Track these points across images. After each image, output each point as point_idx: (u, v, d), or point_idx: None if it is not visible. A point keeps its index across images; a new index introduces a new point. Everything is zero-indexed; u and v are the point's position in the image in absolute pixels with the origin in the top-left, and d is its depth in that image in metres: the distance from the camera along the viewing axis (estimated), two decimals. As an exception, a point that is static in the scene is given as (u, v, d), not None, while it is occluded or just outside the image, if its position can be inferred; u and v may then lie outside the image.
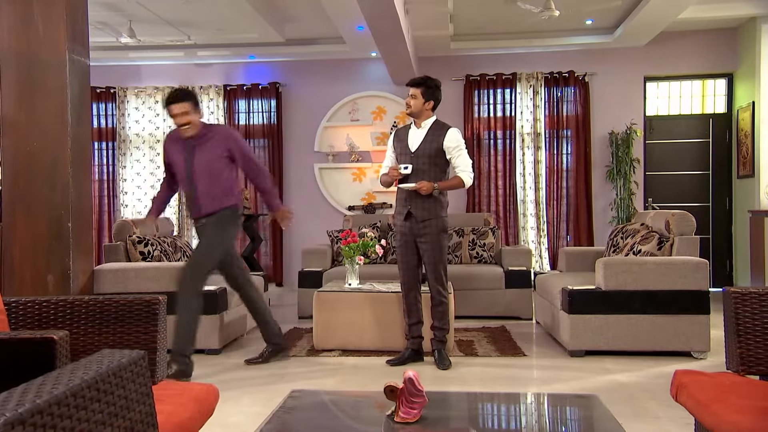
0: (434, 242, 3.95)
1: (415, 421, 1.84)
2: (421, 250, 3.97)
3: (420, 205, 3.93)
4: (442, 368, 3.95)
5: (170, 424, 1.69)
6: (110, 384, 1.02)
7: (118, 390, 1.04)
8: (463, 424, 1.86)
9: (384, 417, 1.88)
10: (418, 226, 3.94)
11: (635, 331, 4.21)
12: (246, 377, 3.90)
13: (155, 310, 2.03)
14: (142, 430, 1.11)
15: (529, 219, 7.78)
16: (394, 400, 1.88)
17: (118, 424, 1.03)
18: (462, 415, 1.95)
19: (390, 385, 1.88)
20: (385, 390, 1.89)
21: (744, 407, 1.72)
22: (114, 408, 1.02)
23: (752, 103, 6.94)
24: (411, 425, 1.82)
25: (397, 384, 1.88)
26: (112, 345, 1.99)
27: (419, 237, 3.96)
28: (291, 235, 8.11)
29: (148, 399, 1.14)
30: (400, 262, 4.08)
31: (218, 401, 2.08)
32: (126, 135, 8.22)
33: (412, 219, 3.96)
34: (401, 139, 4.06)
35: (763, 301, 2.05)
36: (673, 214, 4.51)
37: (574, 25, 7.17)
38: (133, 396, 1.09)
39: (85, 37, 4.26)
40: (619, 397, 3.32)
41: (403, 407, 1.85)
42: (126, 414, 1.06)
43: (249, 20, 6.65)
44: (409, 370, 1.88)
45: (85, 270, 4.20)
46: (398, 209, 4.05)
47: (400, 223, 4.01)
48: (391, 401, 1.90)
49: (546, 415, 1.95)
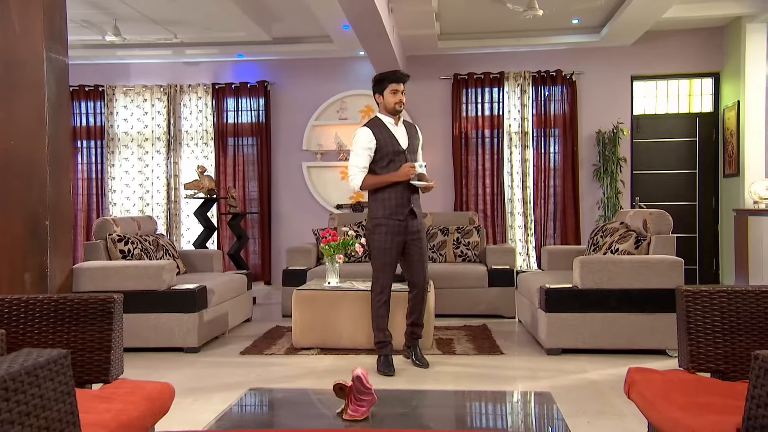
0: (424, 238, 3.99)
1: (363, 419, 1.85)
2: (414, 247, 3.91)
3: (417, 203, 3.93)
4: (426, 365, 3.96)
5: (116, 423, 1.70)
6: (22, 383, 1.03)
7: (32, 389, 1.05)
8: (410, 422, 1.87)
9: (333, 414, 1.89)
10: (414, 224, 3.90)
11: (611, 330, 4.22)
12: (221, 375, 3.92)
13: (110, 309, 2.04)
14: (61, 428, 1.12)
15: (517, 218, 7.79)
16: (344, 398, 1.90)
17: (30, 423, 1.04)
18: (410, 412, 1.97)
19: (339, 383, 1.89)
20: (335, 388, 1.90)
21: (686, 404, 1.74)
22: (26, 407, 1.03)
23: (737, 102, 6.95)
24: (359, 423, 1.84)
25: (347, 382, 1.89)
26: (65, 344, 2.00)
27: (412, 235, 3.90)
28: (279, 233, 8.13)
29: (68, 398, 1.15)
30: (387, 264, 3.87)
31: (173, 399, 2.09)
32: (114, 133, 8.22)
33: (411, 217, 3.88)
34: (386, 136, 3.84)
35: (714, 299, 2.06)
36: (651, 213, 4.52)
37: (561, 24, 7.18)
38: (50, 395, 1.10)
39: (64, 36, 4.27)
40: (588, 395, 3.34)
41: (352, 405, 1.87)
42: (41, 413, 1.07)
43: (235, 19, 6.66)
44: (358, 368, 1.90)
45: (63, 268, 4.21)
46: (397, 209, 3.82)
47: (395, 223, 3.83)
48: (341, 399, 1.91)
49: (491, 413, 1.97)
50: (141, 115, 8.22)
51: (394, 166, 3.84)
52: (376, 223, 3.87)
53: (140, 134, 8.23)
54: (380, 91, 3.93)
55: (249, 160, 8.16)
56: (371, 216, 3.93)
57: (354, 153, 3.87)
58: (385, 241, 3.85)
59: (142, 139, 8.22)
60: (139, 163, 8.22)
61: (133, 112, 8.23)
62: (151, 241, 5.17)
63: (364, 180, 3.85)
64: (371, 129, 3.87)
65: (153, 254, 5.07)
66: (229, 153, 8.15)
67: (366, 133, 3.87)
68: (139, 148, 8.23)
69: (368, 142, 3.84)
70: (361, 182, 3.85)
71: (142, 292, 4.45)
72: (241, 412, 1.96)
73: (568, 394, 3.36)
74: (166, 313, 4.46)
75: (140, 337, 4.47)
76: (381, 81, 3.93)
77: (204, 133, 8.15)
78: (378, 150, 3.84)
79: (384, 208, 3.85)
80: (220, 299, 4.92)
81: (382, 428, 1.76)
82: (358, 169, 3.86)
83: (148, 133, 8.21)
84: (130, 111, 8.23)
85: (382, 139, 3.84)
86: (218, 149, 8.12)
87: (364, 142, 3.85)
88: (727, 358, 2.04)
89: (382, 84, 3.92)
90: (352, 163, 3.88)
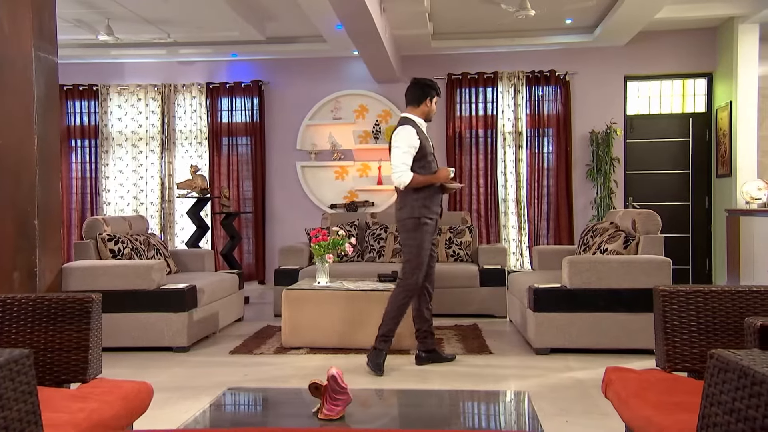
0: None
1: (338, 418, 1.86)
2: (432, 249, 4.09)
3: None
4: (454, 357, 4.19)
5: (88, 422, 1.70)
6: (-21, 382, 1.03)
7: (-10, 387, 1.06)
8: (384, 421, 1.88)
9: (309, 414, 1.90)
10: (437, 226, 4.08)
11: (599, 330, 4.23)
12: (209, 375, 3.92)
13: (88, 309, 2.04)
14: (21, 428, 1.13)
15: (510, 218, 7.80)
16: (319, 398, 1.90)
17: (-12, 421, 1.05)
18: (385, 412, 1.97)
19: (314, 383, 1.90)
20: (310, 387, 1.91)
21: (658, 402, 1.74)
22: (-16, 405, 1.04)
23: (730, 103, 6.96)
24: (333, 422, 1.84)
25: (322, 381, 1.90)
26: (43, 343, 2.01)
27: (435, 236, 4.13)
28: (273, 233, 8.14)
29: (30, 398, 1.16)
30: (424, 262, 3.94)
31: (152, 398, 2.10)
32: (109, 133, 8.22)
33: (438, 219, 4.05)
34: (423, 138, 3.94)
35: (690, 299, 2.07)
36: (639, 213, 4.53)
37: (554, 24, 7.18)
38: (9, 395, 1.10)
39: (53, 35, 4.27)
40: (573, 395, 3.35)
41: (327, 404, 1.87)
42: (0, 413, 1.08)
43: (227, 18, 6.66)
44: (333, 367, 1.90)
45: (52, 268, 4.21)
46: (433, 209, 3.95)
47: (433, 223, 3.97)
48: (316, 398, 1.92)
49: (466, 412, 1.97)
50: (135, 115, 8.22)
51: (429, 167, 3.96)
52: (422, 222, 3.90)
53: (134, 133, 8.23)
54: (428, 98, 4.03)
55: (243, 159, 8.16)
56: (411, 215, 3.92)
57: (401, 151, 3.88)
58: (426, 240, 3.94)
59: (137, 138, 8.22)
60: (134, 162, 8.23)
61: (128, 111, 8.23)
62: (141, 241, 5.18)
63: (412, 178, 3.86)
64: (416, 131, 3.93)
65: (143, 254, 5.07)
66: (224, 152, 8.16)
67: (413, 132, 3.91)
68: (134, 147, 8.23)
69: (414, 141, 3.89)
70: (410, 179, 3.85)
71: (131, 291, 4.45)
72: (217, 411, 1.96)
73: (552, 394, 3.37)
74: (156, 313, 4.47)
75: (129, 336, 4.47)
76: (432, 89, 4.05)
77: (198, 132, 8.15)
78: (419, 150, 3.91)
79: (426, 208, 3.92)
80: (211, 299, 4.93)
81: (355, 428, 1.77)
82: (406, 167, 3.86)
83: (142, 133, 8.21)
84: (125, 110, 8.23)
85: (423, 140, 3.94)
86: (212, 149, 8.13)
87: (411, 141, 3.88)
88: (702, 358, 2.05)
89: (431, 93, 4.03)
90: (401, 160, 3.85)
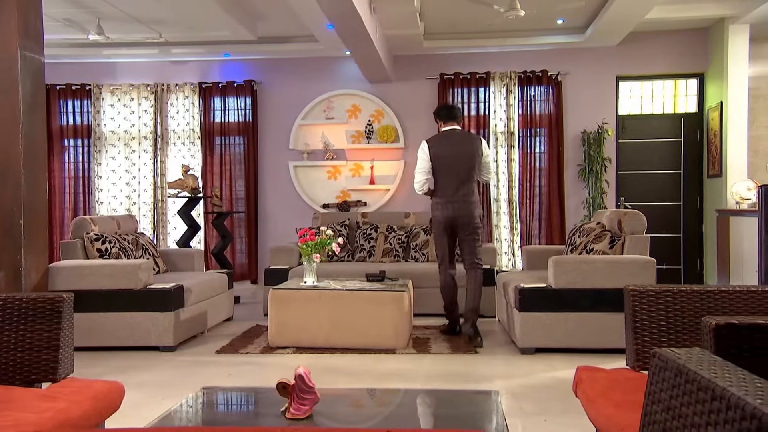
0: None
1: (305, 418, 1.87)
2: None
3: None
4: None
5: (53, 422, 1.71)
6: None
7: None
8: (349, 420, 1.88)
9: (277, 413, 1.90)
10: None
11: (584, 329, 4.24)
12: (194, 374, 3.93)
13: (59, 308, 2.05)
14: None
15: (502, 217, 7.80)
16: (287, 397, 1.91)
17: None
18: (352, 411, 1.98)
19: (282, 382, 1.90)
20: (278, 386, 1.91)
21: (623, 401, 1.75)
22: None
23: (720, 103, 6.97)
24: (300, 421, 1.85)
25: (289, 381, 1.90)
26: (13, 343, 2.01)
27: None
28: (265, 232, 8.14)
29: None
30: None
31: (123, 397, 2.10)
32: (101, 132, 8.23)
33: None
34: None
35: (659, 298, 2.08)
36: (625, 214, 4.54)
37: (545, 24, 7.19)
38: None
39: (39, 35, 4.28)
40: (554, 394, 3.35)
41: (294, 404, 1.88)
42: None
43: (218, 18, 6.66)
44: (300, 366, 1.91)
45: (38, 267, 4.22)
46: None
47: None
48: (284, 398, 1.93)
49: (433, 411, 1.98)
50: (128, 114, 8.22)
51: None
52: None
53: (127, 133, 8.24)
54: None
55: (236, 159, 8.17)
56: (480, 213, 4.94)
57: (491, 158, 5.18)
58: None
59: (129, 138, 8.22)
60: (126, 162, 8.23)
61: (120, 111, 8.23)
62: (130, 240, 5.18)
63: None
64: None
65: (131, 253, 5.08)
66: (216, 152, 8.16)
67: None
68: (126, 147, 8.23)
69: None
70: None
71: (117, 291, 4.46)
72: (188, 410, 1.97)
73: (534, 393, 3.38)
74: (142, 312, 4.47)
75: (116, 336, 4.48)
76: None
77: (191, 132, 8.16)
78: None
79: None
80: (199, 298, 4.93)
81: (321, 427, 1.78)
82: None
83: (135, 132, 8.22)
84: (117, 110, 8.23)
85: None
86: (205, 148, 8.13)
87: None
88: (672, 358, 2.05)
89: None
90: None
